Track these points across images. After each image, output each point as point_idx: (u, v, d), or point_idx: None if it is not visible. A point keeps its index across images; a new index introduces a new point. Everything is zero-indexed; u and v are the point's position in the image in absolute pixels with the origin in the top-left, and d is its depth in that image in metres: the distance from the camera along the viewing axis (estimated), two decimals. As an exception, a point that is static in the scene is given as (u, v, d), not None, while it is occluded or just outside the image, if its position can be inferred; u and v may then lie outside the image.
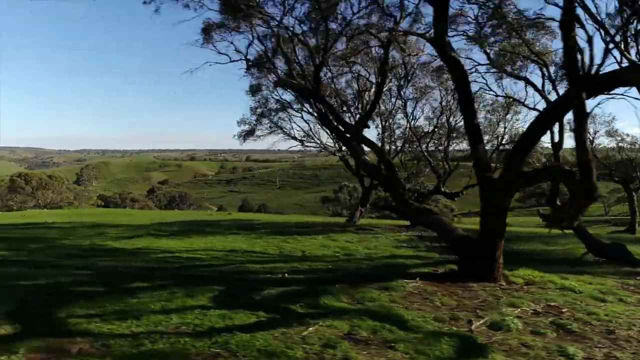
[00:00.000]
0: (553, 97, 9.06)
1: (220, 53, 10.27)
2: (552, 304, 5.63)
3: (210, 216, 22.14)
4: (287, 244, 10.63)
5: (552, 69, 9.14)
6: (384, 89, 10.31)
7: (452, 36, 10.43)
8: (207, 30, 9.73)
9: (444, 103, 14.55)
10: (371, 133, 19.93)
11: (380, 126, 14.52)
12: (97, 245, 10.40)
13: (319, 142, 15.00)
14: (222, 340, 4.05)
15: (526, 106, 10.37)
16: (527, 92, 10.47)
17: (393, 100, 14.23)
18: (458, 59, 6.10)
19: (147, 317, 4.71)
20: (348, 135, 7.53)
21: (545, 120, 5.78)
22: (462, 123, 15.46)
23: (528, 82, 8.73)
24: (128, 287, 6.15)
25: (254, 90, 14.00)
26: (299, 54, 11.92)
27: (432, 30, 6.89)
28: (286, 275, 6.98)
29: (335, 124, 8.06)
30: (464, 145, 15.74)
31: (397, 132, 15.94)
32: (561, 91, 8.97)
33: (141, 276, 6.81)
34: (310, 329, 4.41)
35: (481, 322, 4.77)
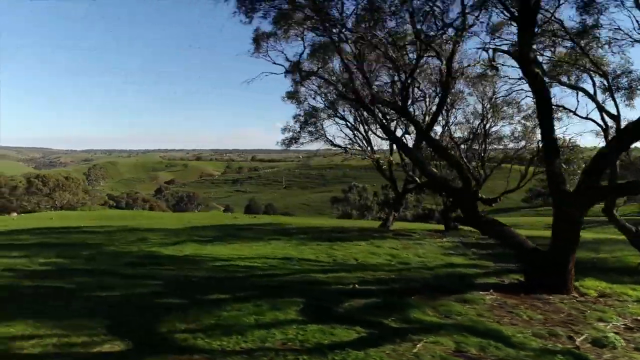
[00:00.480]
0: (610, 107, 9.03)
1: (275, 64, 10.36)
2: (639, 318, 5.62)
3: (237, 219, 22.21)
4: (335, 250, 10.66)
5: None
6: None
7: (500, 45, 10.44)
8: (258, 40, 9.81)
9: (479, 109, 14.54)
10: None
11: (414, 132, 14.43)
12: (146, 251, 10.48)
13: (361, 149, 15.00)
14: (339, 359, 4.10)
15: (578, 115, 10.28)
16: (578, 101, 10.39)
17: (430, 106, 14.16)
18: (542, 76, 6.10)
19: (250, 332, 4.78)
20: (426, 144, 7.54)
21: (633, 135, 5.75)
22: (495, 128, 15.49)
23: (586, 93, 8.67)
24: (209, 299, 6.22)
25: (291, 96, 14.10)
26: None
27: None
28: (356, 286, 7.01)
29: (398, 134, 8.12)
30: (500, 147, 15.68)
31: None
32: (620, 102, 8.94)
33: (214, 287, 6.88)
34: (418, 345, 4.45)
35: (582, 338, 4.77)
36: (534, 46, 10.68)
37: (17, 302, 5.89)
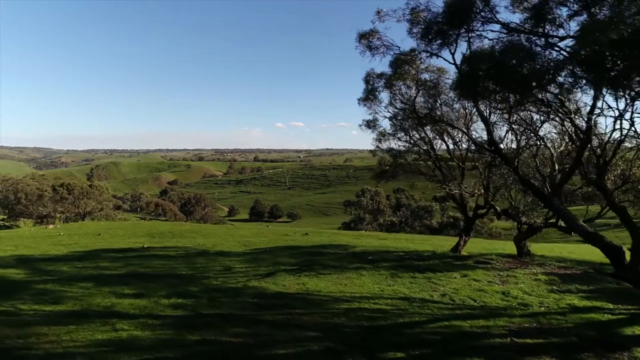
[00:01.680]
0: None
1: (392, 105, 10.48)
2: None
3: (290, 237, 22.25)
4: (438, 285, 10.76)
5: None
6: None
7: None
8: (368, 80, 9.93)
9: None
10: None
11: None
12: (252, 287, 10.56)
13: (450, 181, 15.09)
14: None
15: None
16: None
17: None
18: None
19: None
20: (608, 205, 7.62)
21: None
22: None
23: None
24: (390, 359, 6.28)
25: (370, 125, 14.15)
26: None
27: None
28: (514, 339, 7.11)
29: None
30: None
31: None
32: None
33: (377, 341, 6.99)
34: None
35: None
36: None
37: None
